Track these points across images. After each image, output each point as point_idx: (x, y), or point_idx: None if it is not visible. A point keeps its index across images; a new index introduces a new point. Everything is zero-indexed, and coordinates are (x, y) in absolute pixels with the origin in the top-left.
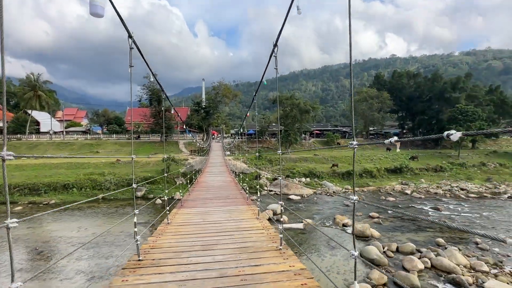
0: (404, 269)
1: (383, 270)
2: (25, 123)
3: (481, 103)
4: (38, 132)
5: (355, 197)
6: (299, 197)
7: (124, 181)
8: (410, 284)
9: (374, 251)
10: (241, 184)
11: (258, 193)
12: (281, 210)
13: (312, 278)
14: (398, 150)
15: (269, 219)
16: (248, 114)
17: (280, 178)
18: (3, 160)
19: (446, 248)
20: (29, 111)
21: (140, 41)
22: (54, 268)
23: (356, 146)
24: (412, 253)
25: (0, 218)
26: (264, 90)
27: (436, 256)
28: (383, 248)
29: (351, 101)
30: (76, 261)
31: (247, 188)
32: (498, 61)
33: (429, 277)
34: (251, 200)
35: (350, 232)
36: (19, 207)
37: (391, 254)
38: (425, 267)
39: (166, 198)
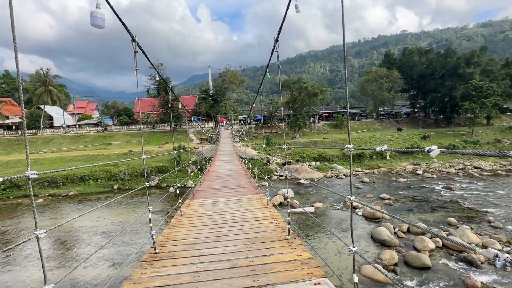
0: (415, 249)
1: (394, 251)
2: (39, 118)
3: (496, 78)
4: (52, 126)
5: (352, 197)
6: (309, 181)
7: (138, 171)
8: (421, 264)
9: (385, 232)
10: (250, 172)
11: (267, 183)
12: (287, 202)
13: (318, 267)
14: (388, 158)
15: (280, 204)
16: (254, 105)
17: (285, 173)
18: (28, 179)
19: (458, 228)
20: (42, 106)
21: (143, 31)
22: (78, 256)
23: (352, 149)
24: (423, 233)
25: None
26: (271, 73)
27: (447, 236)
28: (394, 229)
29: (346, 101)
30: (102, 249)
31: (257, 176)
32: None
33: (440, 256)
34: (261, 186)
35: (361, 214)
36: (40, 200)
37: (402, 235)
38: (436, 247)
39: (178, 192)
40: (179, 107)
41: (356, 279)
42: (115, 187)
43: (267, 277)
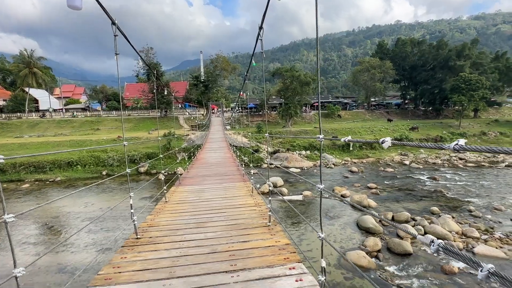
0: (398, 236)
1: (378, 238)
2: (24, 102)
3: (486, 71)
4: (37, 110)
5: (322, 186)
6: (299, 170)
7: (127, 157)
8: (403, 250)
9: (370, 220)
10: (238, 160)
11: (252, 171)
12: (270, 190)
13: (295, 252)
14: (351, 149)
15: (269, 192)
16: (241, 93)
17: (267, 162)
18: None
19: (440, 216)
20: (26, 89)
21: (132, 12)
22: (65, 242)
23: (322, 139)
24: (407, 221)
25: (10, 194)
26: (265, 61)
27: (429, 224)
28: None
29: (318, 91)
30: (86, 234)
31: (244, 164)
32: (507, 25)
33: (421, 243)
34: (248, 174)
35: (349, 201)
36: (26, 185)
37: (386, 223)
38: (418, 234)
39: (163, 179)
40: (166, 93)
41: (323, 264)
42: (104, 173)
43: (245, 262)
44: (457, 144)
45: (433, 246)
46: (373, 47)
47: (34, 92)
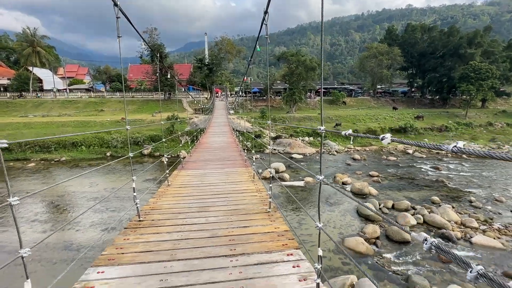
0: (398, 224)
1: (377, 225)
2: (28, 81)
3: (496, 60)
4: (41, 90)
5: (322, 177)
6: (301, 156)
7: (130, 139)
8: (401, 238)
9: (369, 207)
10: (241, 145)
11: (254, 157)
12: (271, 176)
13: (293, 239)
14: (351, 143)
15: (270, 178)
16: (245, 78)
17: (270, 147)
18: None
19: (440, 206)
20: (30, 68)
21: None
22: (73, 221)
23: (324, 131)
24: (406, 210)
25: (17, 172)
26: (270, 45)
27: (429, 213)
28: (379, 205)
29: (321, 86)
30: (92, 213)
31: (246, 149)
32: None
33: (420, 232)
34: (250, 159)
35: (349, 189)
36: (32, 164)
37: (386, 211)
38: (417, 223)
39: (165, 162)
40: (169, 76)
41: (320, 252)
42: (108, 154)
43: (244, 247)
44: (455, 146)
45: (426, 244)
46: (382, 32)
47: (38, 72)
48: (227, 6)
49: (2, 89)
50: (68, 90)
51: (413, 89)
